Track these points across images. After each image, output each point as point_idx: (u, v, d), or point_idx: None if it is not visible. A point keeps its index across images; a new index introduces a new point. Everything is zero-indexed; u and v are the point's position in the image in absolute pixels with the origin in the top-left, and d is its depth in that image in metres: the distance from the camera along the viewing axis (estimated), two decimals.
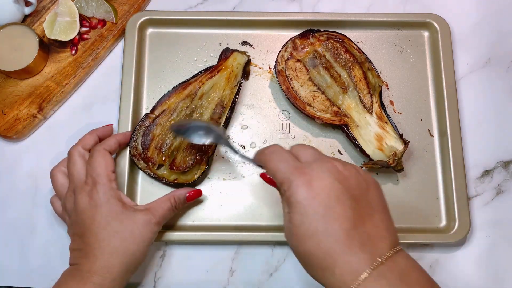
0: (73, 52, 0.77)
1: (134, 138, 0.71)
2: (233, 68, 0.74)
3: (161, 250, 0.70)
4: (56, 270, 0.61)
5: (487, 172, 0.74)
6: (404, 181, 0.72)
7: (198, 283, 0.69)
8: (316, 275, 0.50)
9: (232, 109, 0.73)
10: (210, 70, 0.74)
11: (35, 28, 0.78)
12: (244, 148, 0.73)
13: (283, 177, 0.50)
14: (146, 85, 0.76)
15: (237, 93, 0.73)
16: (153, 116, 0.72)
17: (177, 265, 0.69)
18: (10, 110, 0.74)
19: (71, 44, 0.77)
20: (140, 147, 0.70)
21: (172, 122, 0.71)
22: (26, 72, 0.74)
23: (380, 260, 0.47)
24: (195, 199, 0.68)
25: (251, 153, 0.72)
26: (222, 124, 0.71)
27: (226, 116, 0.72)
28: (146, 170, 0.70)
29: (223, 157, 0.73)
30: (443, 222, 0.70)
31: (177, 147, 0.70)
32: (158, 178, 0.70)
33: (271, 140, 0.74)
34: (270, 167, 0.52)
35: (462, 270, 0.70)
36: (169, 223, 0.69)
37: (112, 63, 0.79)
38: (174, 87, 0.73)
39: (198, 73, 0.74)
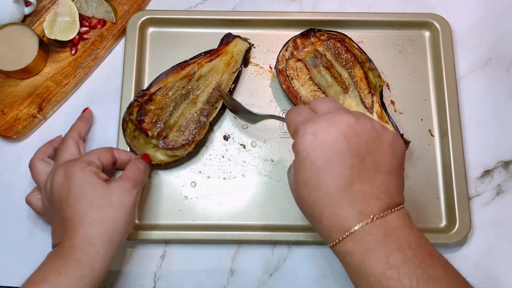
0: (73, 52, 0.77)
1: (129, 112, 0.71)
2: (233, 54, 0.74)
3: (161, 250, 0.70)
4: None
5: (487, 172, 0.74)
6: (404, 181, 0.72)
7: (198, 283, 0.69)
8: (308, 220, 0.52)
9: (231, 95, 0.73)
10: (210, 54, 0.74)
11: (35, 28, 0.78)
12: (244, 148, 0.73)
13: (294, 127, 0.52)
14: (147, 84, 0.76)
15: (236, 80, 0.73)
16: (149, 92, 0.72)
17: (177, 265, 0.69)
18: (10, 110, 0.74)
19: (71, 44, 0.77)
20: (135, 121, 0.70)
21: (167, 99, 0.71)
22: (26, 72, 0.74)
23: (371, 218, 0.47)
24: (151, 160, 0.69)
25: (252, 152, 0.73)
26: (218, 109, 0.71)
27: (223, 102, 0.72)
28: (134, 149, 0.70)
29: (223, 156, 0.73)
30: (444, 222, 0.70)
31: (171, 126, 0.70)
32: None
33: (271, 140, 0.74)
34: (287, 121, 0.55)
35: (462, 270, 0.69)
36: (169, 223, 0.70)
37: (112, 63, 0.79)
38: (173, 67, 0.74)
39: (197, 55, 0.74)
